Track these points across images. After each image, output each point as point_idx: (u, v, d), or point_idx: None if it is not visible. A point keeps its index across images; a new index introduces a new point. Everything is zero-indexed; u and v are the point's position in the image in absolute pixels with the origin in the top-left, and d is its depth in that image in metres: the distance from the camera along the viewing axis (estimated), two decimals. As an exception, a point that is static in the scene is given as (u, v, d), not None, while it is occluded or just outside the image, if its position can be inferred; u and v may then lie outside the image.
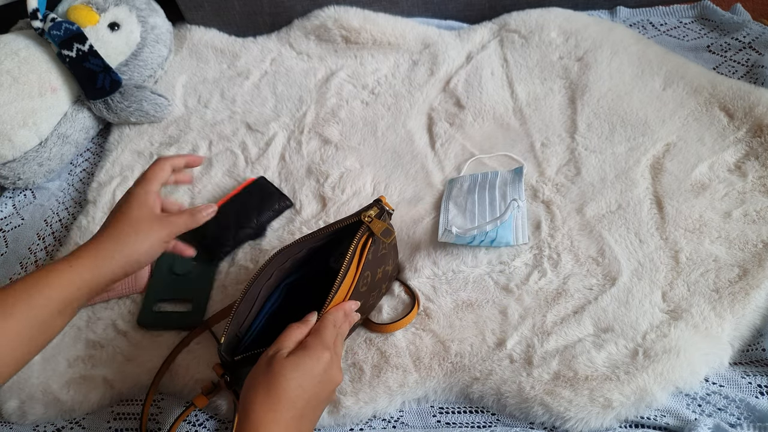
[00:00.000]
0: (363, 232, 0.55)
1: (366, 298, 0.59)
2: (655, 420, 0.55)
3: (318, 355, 0.47)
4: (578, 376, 0.57)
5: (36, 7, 0.81)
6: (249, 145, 0.86)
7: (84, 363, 0.66)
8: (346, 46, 0.96)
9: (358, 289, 0.56)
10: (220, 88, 0.94)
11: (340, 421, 0.59)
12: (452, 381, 0.60)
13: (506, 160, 0.78)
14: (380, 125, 0.85)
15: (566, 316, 0.62)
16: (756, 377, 0.57)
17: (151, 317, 0.68)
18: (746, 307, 0.60)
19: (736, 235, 0.65)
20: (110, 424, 0.63)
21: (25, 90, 0.80)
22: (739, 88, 0.77)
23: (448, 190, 0.75)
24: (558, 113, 0.82)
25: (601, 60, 0.85)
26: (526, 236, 0.69)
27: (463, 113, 0.84)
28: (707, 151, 0.73)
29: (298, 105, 0.90)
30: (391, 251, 0.63)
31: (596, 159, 0.75)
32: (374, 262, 0.58)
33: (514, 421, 0.58)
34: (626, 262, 0.65)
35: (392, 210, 0.59)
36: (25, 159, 0.82)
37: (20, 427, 0.63)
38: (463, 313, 0.64)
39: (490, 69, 0.89)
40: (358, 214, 0.57)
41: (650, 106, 0.79)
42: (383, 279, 0.62)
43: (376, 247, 0.57)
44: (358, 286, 0.56)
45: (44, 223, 0.82)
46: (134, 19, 0.90)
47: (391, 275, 0.65)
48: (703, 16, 0.93)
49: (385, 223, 0.57)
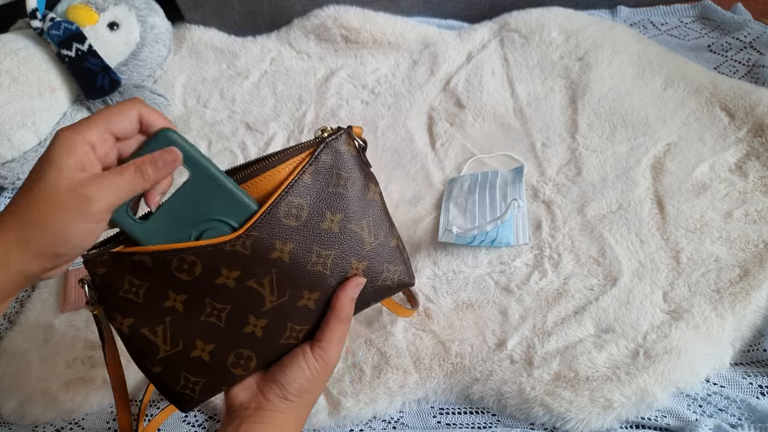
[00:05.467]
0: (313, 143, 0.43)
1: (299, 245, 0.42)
2: (656, 421, 0.55)
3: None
4: (579, 377, 0.57)
5: (35, 6, 0.81)
6: (248, 144, 0.85)
7: (83, 363, 0.65)
8: (346, 45, 0.95)
9: (278, 214, 0.41)
10: (219, 87, 0.94)
11: (340, 422, 0.59)
12: (452, 382, 0.60)
13: (507, 159, 0.78)
14: (380, 125, 0.85)
15: (567, 316, 0.62)
16: (757, 378, 0.57)
17: None
18: (747, 307, 0.59)
19: (737, 235, 0.65)
20: (110, 424, 0.62)
21: (25, 90, 0.80)
22: (740, 88, 0.76)
23: (449, 190, 0.75)
24: (558, 113, 0.82)
25: (601, 60, 0.85)
26: (527, 236, 0.69)
27: (464, 113, 0.84)
28: (708, 151, 0.72)
29: (298, 105, 0.90)
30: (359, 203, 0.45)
31: (597, 159, 0.75)
32: (317, 195, 0.43)
33: (514, 421, 0.58)
34: (627, 262, 0.65)
35: (364, 143, 0.47)
36: (24, 159, 0.81)
37: (19, 427, 0.63)
38: (464, 313, 0.64)
39: (491, 68, 0.88)
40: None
41: (651, 106, 0.79)
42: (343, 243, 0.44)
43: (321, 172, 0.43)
44: (278, 207, 0.41)
45: (43, 223, 0.82)
46: (133, 19, 0.89)
47: (375, 262, 0.46)
48: (704, 15, 0.92)
49: (350, 146, 0.45)
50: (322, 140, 0.44)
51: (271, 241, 0.42)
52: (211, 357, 0.44)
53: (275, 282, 0.43)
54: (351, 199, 0.44)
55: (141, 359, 0.44)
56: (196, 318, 0.43)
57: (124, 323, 0.43)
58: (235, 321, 0.44)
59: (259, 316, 0.44)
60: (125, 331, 0.43)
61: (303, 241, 0.43)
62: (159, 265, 0.41)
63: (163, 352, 0.43)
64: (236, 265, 0.42)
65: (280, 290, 0.43)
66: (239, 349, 0.45)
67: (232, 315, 0.43)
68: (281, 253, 0.42)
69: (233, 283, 0.42)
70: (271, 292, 0.43)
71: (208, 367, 0.44)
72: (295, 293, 0.44)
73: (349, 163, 0.44)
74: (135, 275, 0.41)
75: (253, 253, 0.41)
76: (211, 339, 0.44)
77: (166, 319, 0.43)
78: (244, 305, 0.43)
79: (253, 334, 0.44)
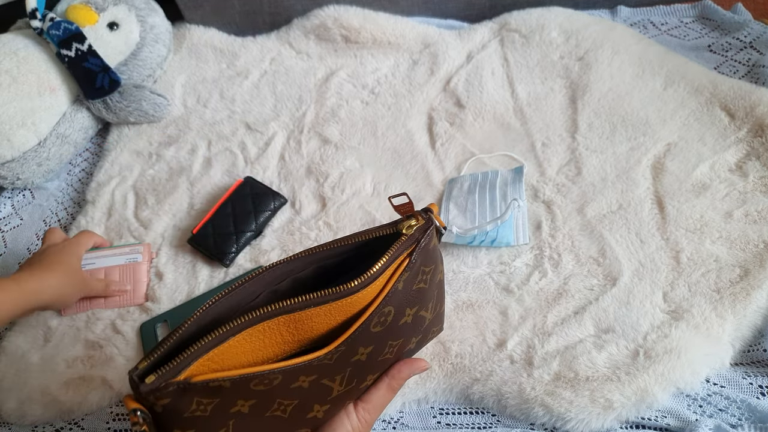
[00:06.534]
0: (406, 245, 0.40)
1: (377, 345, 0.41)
2: (656, 421, 0.55)
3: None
4: (579, 377, 0.57)
5: (35, 6, 0.81)
6: (248, 144, 0.85)
7: (83, 363, 0.65)
8: (346, 45, 0.95)
9: (369, 326, 0.39)
10: (219, 87, 0.94)
11: (340, 422, 0.59)
12: (452, 382, 0.60)
13: (507, 159, 0.78)
14: (380, 125, 0.85)
15: (567, 316, 0.62)
16: (757, 378, 0.57)
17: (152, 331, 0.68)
18: (747, 307, 0.59)
19: (737, 235, 0.65)
20: (109, 424, 0.62)
21: (24, 90, 0.80)
22: (740, 88, 0.76)
23: (449, 190, 0.75)
24: (559, 113, 0.81)
25: (601, 60, 0.85)
26: (527, 236, 0.69)
27: (464, 113, 0.84)
28: (708, 151, 0.72)
29: (298, 105, 0.90)
30: (433, 290, 0.44)
31: (597, 159, 0.75)
32: (404, 296, 0.41)
33: (514, 422, 0.58)
34: (627, 262, 0.65)
35: (444, 227, 0.44)
36: (23, 159, 0.81)
37: (19, 428, 0.63)
38: (464, 313, 0.64)
39: (491, 68, 0.88)
40: (396, 223, 0.41)
41: (651, 106, 0.79)
42: (412, 329, 0.44)
43: (411, 274, 0.40)
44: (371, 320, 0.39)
45: (43, 224, 0.82)
46: (133, 19, 0.89)
47: (427, 329, 0.46)
48: (704, 15, 0.92)
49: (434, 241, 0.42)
50: (416, 240, 0.40)
51: (356, 349, 0.39)
52: None
53: (347, 377, 0.41)
54: (428, 290, 0.43)
55: None
56: (261, 415, 0.39)
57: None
58: (300, 411, 0.41)
59: (324, 404, 0.42)
60: None
61: (382, 341, 0.41)
62: (238, 385, 0.36)
63: None
64: (315, 372, 0.39)
65: (349, 381, 0.41)
66: (296, 429, 0.42)
67: (297, 407, 0.40)
68: (361, 355, 0.40)
69: (308, 385, 0.39)
70: (341, 384, 0.41)
71: None
72: (360, 380, 0.42)
73: (432, 258, 0.42)
74: (206, 396, 0.36)
75: (336, 362, 0.39)
76: (272, 430, 0.41)
77: (230, 422, 0.38)
78: (311, 398, 0.41)
79: (315, 417, 0.42)
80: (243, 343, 0.37)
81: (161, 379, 0.34)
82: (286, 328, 0.38)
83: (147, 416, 0.35)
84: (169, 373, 0.34)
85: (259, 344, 0.38)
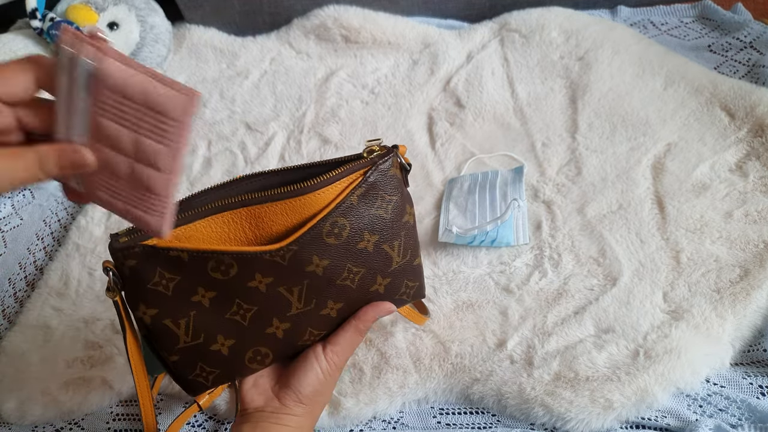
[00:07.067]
0: (364, 164, 0.44)
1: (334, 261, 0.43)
2: (656, 421, 0.55)
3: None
4: (579, 377, 0.57)
5: (35, 6, 0.81)
6: (248, 144, 0.85)
7: (83, 364, 0.65)
8: (346, 45, 0.95)
9: (322, 232, 0.42)
10: (219, 87, 0.94)
11: (340, 423, 0.59)
12: (452, 382, 0.60)
13: (507, 159, 0.78)
14: (380, 125, 0.85)
15: (567, 316, 0.62)
16: (757, 378, 0.57)
17: None
18: (747, 307, 0.59)
19: (737, 235, 0.65)
20: (109, 425, 0.62)
21: (24, 89, 0.80)
22: (740, 88, 0.76)
23: (449, 190, 0.75)
24: (559, 113, 0.81)
25: (601, 59, 0.85)
26: (527, 236, 0.69)
27: (464, 113, 0.84)
28: (708, 151, 0.72)
29: (298, 104, 0.90)
30: (397, 226, 0.46)
31: (597, 159, 0.75)
32: (360, 216, 0.43)
33: (514, 422, 0.58)
34: (627, 262, 0.65)
35: (410, 165, 0.47)
36: (23, 159, 0.81)
37: (19, 428, 0.63)
38: (464, 313, 0.64)
39: (491, 68, 0.88)
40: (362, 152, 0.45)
41: (651, 106, 0.79)
42: (374, 261, 0.45)
43: (366, 191, 0.43)
44: (323, 226, 0.42)
45: (43, 223, 0.82)
46: (133, 19, 0.89)
47: (397, 275, 0.48)
48: (704, 15, 0.92)
49: (396, 168, 0.45)
50: (373, 162, 0.44)
51: (310, 256, 0.42)
52: (230, 351, 0.45)
53: (305, 291, 0.44)
54: (389, 221, 0.45)
55: (159, 347, 0.45)
56: (221, 315, 0.44)
57: (147, 313, 0.43)
58: (259, 321, 0.44)
59: (283, 320, 0.45)
60: (147, 321, 0.43)
61: (338, 258, 0.43)
62: (195, 262, 0.41)
63: (182, 343, 0.44)
64: (271, 272, 0.42)
65: (308, 299, 0.44)
66: (258, 347, 0.46)
67: (256, 316, 0.44)
68: (316, 267, 0.43)
69: (264, 288, 0.43)
70: (299, 299, 0.44)
71: (226, 360, 0.46)
72: (320, 302, 0.45)
73: (392, 186, 0.45)
74: (168, 269, 0.41)
75: (290, 264, 0.42)
76: (232, 335, 0.45)
77: (191, 313, 0.43)
78: (270, 308, 0.44)
79: (274, 335, 0.45)
80: (208, 229, 0.41)
81: (132, 241, 0.40)
82: (248, 223, 0.42)
83: (117, 279, 0.41)
84: (139, 238, 0.40)
85: (224, 236, 0.42)
